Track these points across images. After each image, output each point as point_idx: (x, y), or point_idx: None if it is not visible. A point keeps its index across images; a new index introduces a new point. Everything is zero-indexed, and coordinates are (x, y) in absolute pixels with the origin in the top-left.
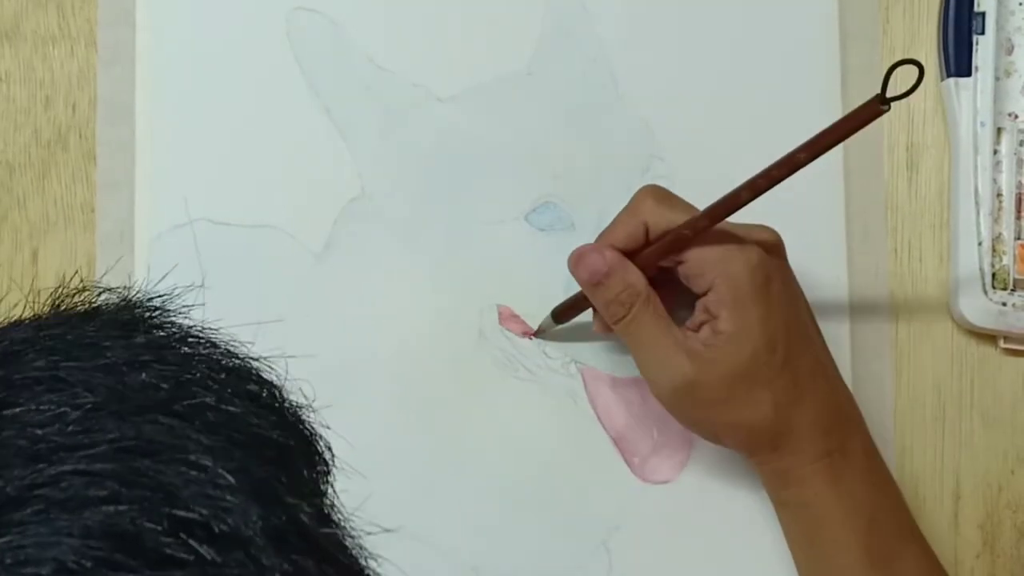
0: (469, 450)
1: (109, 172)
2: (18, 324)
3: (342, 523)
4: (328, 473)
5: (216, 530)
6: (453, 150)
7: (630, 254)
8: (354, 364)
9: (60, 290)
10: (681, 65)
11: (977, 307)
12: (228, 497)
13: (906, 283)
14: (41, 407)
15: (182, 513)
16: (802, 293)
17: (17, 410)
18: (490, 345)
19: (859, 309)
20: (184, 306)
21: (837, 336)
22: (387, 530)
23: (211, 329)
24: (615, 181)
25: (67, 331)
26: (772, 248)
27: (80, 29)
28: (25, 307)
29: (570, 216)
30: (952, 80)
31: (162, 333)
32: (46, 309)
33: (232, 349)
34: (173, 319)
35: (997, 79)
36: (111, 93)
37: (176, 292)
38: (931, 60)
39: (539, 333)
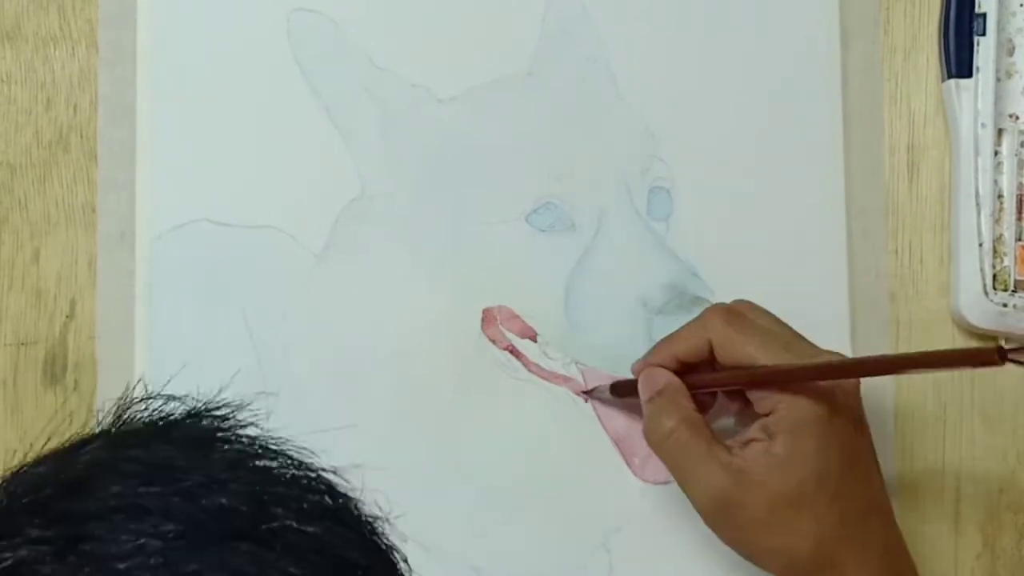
0: (469, 450)
1: (110, 173)
2: (88, 441)
3: None
4: None
5: None
6: (453, 150)
7: (691, 365)
8: (354, 364)
9: (125, 400)
10: (681, 65)
11: (978, 308)
12: None
13: (906, 284)
14: (121, 538)
15: None
16: (869, 436)
17: (95, 544)
18: (490, 345)
19: (859, 309)
20: (253, 413)
21: (838, 337)
22: None
23: (281, 439)
24: (615, 181)
25: (142, 451)
26: (846, 389)
27: (81, 30)
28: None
29: (570, 216)
30: (953, 81)
31: (237, 447)
32: (110, 420)
33: (305, 460)
34: (244, 429)
35: (998, 80)
36: (112, 94)
37: (245, 401)
38: (932, 61)
39: (590, 393)
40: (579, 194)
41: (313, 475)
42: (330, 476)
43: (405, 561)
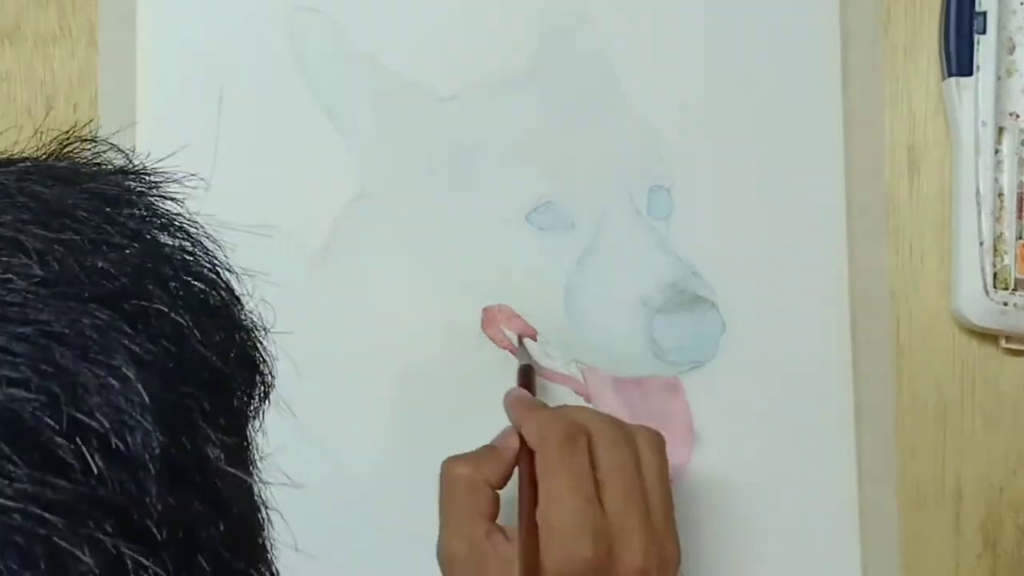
0: (469, 449)
1: None
2: (9, 163)
3: (254, 465)
4: (261, 405)
5: (112, 444)
6: (453, 150)
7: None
8: (354, 364)
9: (70, 133)
10: (681, 65)
11: (978, 307)
12: (136, 415)
13: (907, 283)
14: None
15: (83, 418)
16: None
17: None
18: (490, 344)
19: (859, 309)
20: (185, 186)
21: (838, 336)
22: (296, 485)
23: (199, 224)
24: (615, 181)
25: (49, 189)
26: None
27: (81, 29)
28: (35, 137)
29: (570, 215)
30: (953, 80)
31: (145, 214)
32: (51, 149)
33: (212, 252)
34: (165, 201)
35: (999, 78)
36: (112, 93)
37: (182, 173)
38: (932, 60)
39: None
40: (579, 193)
41: (208, 266)
42: (227, 274)
43: (272, 377)
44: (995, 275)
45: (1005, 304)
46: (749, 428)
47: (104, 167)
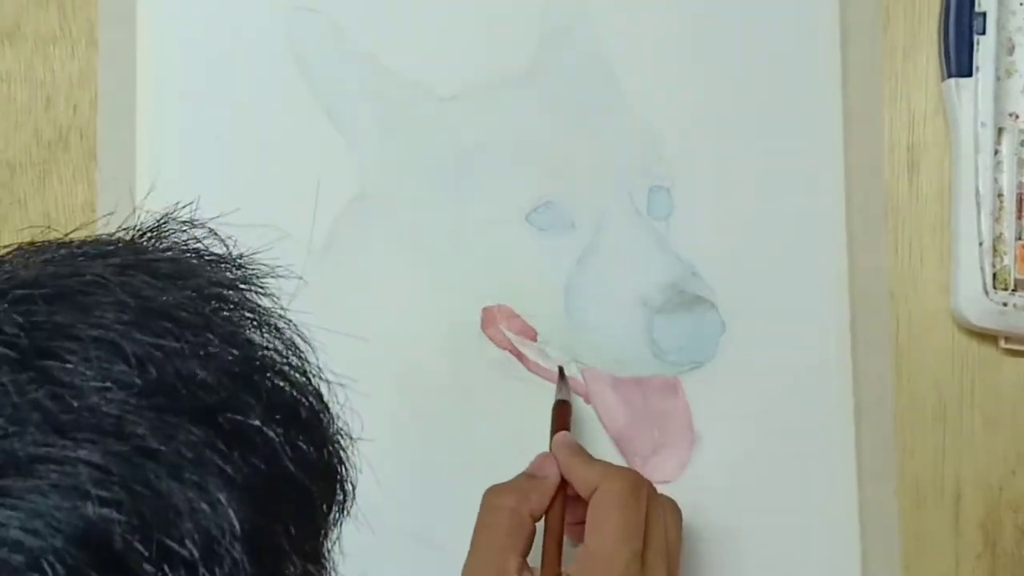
0: (469, 450)
1: (110, 172)
2: (99, 250)
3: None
4: (340, 518)
5: (200, 574)
6: (453, 150)
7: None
8: (354, 364)
9: (165, 218)
10: (681, 65)
11: (978, 307)
12: (226, 544)
13: (906, 283)
14: (87, 373)
15: (175, 546)
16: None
17: (57, 365)
18: (490, 345)
19: (859, 309)
20: (279, 277)
21: (837, 336)
22: None
23: (292, 323)
24: (615, 181)
25: (150, 286)
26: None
27: (81, 29)
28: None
29: (570, 215)
30: (953, 80)
31: (242, 313)
32: (143, 228)
33: (304, 354)
34: (260, 296)
35: (998, 79)
36: (112, 93)
37: (278, 265)
38: (932, 60)
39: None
40: (579, 193)
41: (299, 371)
42: (318, 382)
43: (353, 487)
44: (994, 275)
45: (1004, 304)
46: (749, 428)
47: (202, 256)
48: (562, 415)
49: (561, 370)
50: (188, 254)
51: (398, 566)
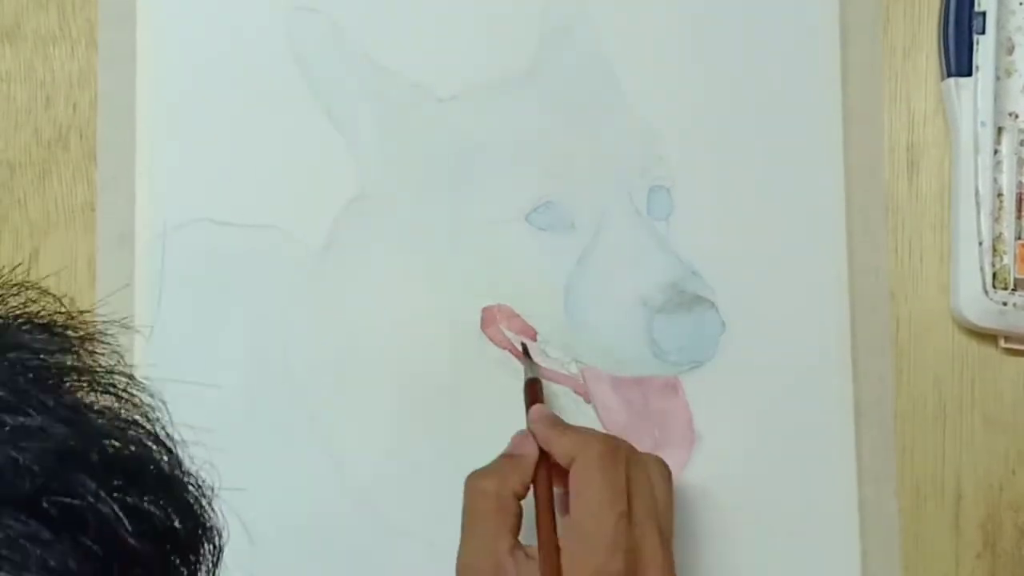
0: (469, 450)
1: (109, 172)
2: None
3: None
4: (214, 571)
5: None
6: (453, 150)
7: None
8: (354, 364)
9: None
10: (681, 65)
11: (978, 307)
12: None
13: (906, 283)
14: None
15: None
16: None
17: None
18: (490, 344)
19: (859, 309)
20: (126, 327)
21: (837, 336)
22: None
23: (135, 380)
24: (615, 181)
25: None
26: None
27: (81, 29)
28: None
29: (570, 215)
30: (952, 80)
31: (77, 378)
32: None
33: (149, 410)
34: (97, 354)
35: (998, 79)
36: (112, 93)
37: (118, 317)
38: (931, 59)
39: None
40: (579, 193)
41: (147, 435)
42: (166, 436)
43: (221, 539)
44: (994, 275)
45: (1004, 304)
46: (749, 428)
47: (32, 319)
48: (534, 391)
49: (525, 348)
50: (16, 321)
51: (398, 564)
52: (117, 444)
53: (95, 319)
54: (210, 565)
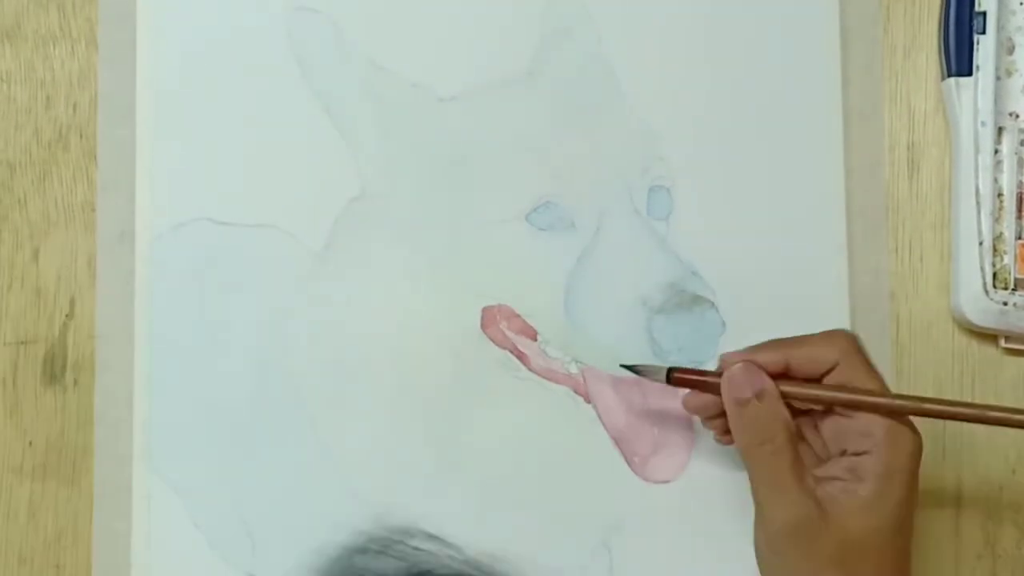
0: (469, 450)
1: (110, 172)
2: None
3: None
4: None
5: None
6: (453, 150)
7: (784, 377)
8: (354, 364)
9: None
10: (681, 65)
11: (978, 306)
12: None
13: (906, 283)
14: None
15: None
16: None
17: None
18: (490, 344)
19: (859, 309)
20: None
21: None
22: None
23: None
24: (615, 181)
25: None
26: (920, 444)
27: (81, 29)
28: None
29: (570, 216)
30: (953, 80)
31: None
32: None
33: None
34: None
35: (998, 78)
36: (112, 93)
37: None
38: (932, 59)
39: (638, 370)
40: (579, 193)
41: None
42: None
43: None
44: (995, 275)
45: (1005, 304)
46: None
47: None
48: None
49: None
50: None
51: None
52: None
53: None
54: None
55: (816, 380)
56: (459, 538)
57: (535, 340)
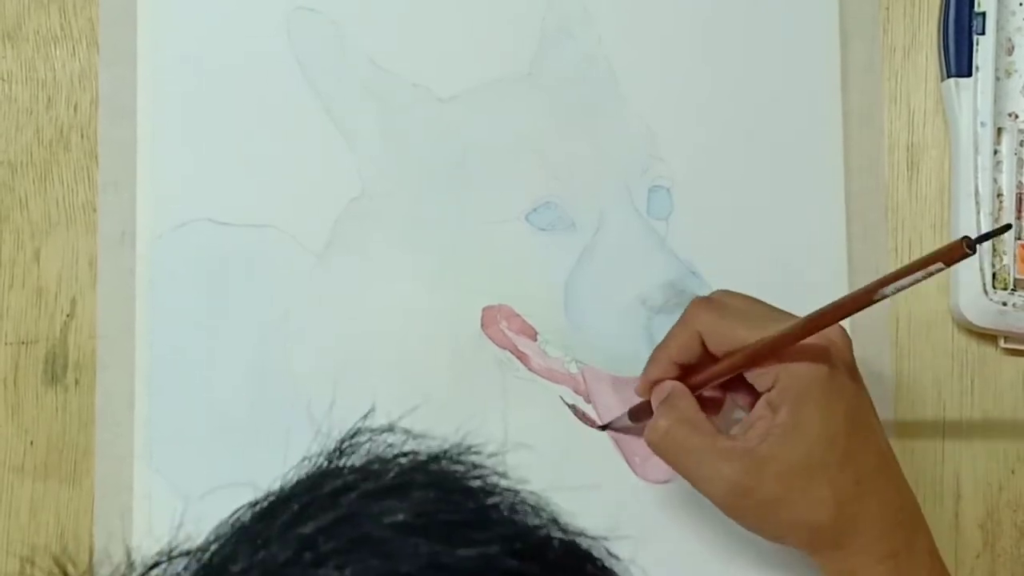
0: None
1: (111, 172)
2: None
3: None
4: None
5: None
6: (453, 150)
7: (690, 366)
8: (354, 364)
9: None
10: (681, 65)
11: (977, 307)
12: None
13: None
14: None
15: None
16: (865, 389)
17: None
18: (490, 344)
19: None
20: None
21: None
22: None
23: (514, 485)
24: (615, 181)
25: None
26: (838, 344)
27: (82, 29)
28: None
29: (570, 216)
30: (952, 80)
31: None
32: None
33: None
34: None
35: (997, 79)
36: (113, 93)
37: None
38: (931, 60)
39: (609, 427)
40: (579, 193)
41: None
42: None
43: None
44: (994, 275)
45: (1004, 304)
46: None
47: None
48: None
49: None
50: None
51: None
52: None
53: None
54: None
55: (708, 359)
56: None
57: (535, 340)
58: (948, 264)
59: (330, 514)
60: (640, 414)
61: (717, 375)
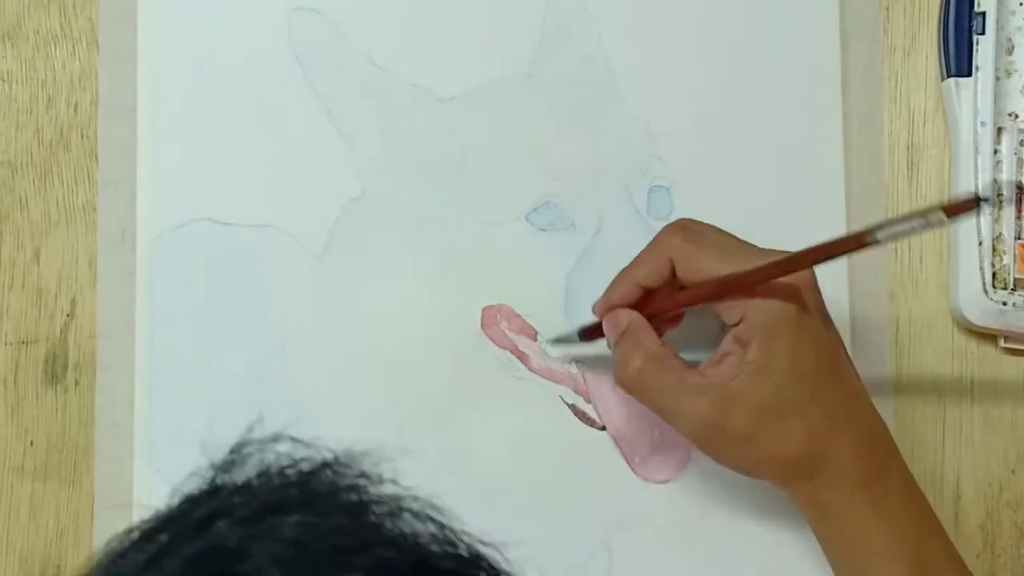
0: (469, 450)
1: (110, 172)
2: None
3: None
4: None
5: None
6: (453, 150)
7: (654, 290)
8: (354, 364)
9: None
10: (681, 65)
11: (977, 307)
12: None
13: (906, 283)
14: None
15: None
16: (835, 327)
17: None
18: (490, 344)
19: (859, 309)
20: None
21: None
22: None
23: (415, 496)
24: (615, 181)
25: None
26: (809, 284)
27: (82, 29)
28: None
29: (570, 216)
30: (952, 80)
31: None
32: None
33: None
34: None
35: (997, 79)
36: (113, 93)
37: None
38: (931, 60)
39: (558, 341)
40: (579, 193)
41: (463, 547)
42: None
43: None
44: (994, 275)
45: (1004, 304)
46: None
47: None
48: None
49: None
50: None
51: None
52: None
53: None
54: None
55: (673, 284)
56: None
57: (535, 340)
58: (949, 215)
59: (197, 544)
60: (591, 334)
61: (683, 303)
